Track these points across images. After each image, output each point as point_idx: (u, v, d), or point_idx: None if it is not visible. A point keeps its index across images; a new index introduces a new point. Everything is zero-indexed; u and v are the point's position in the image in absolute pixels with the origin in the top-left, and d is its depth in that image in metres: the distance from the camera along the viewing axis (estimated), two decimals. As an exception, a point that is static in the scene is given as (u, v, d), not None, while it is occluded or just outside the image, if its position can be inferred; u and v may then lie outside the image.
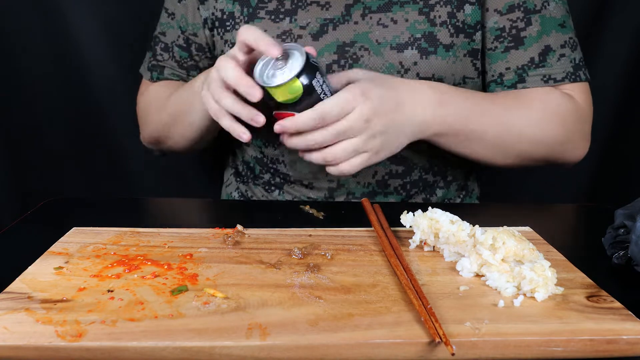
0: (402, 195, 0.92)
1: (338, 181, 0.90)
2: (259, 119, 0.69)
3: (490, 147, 0.83)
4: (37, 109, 1.42)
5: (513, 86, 0.87)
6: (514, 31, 0.87)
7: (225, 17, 0.90)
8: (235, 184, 1.04)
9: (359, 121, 0.70)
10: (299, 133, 0.70)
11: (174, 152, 0.99)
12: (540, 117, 0.83)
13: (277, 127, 0.69)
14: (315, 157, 0.72)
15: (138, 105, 1.03)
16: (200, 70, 0.99)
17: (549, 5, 0.87)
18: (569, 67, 0.87)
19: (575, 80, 0.87)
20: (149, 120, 0.98)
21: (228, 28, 0.90)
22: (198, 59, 0.98)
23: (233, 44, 0.90)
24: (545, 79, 0.86)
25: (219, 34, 0.92)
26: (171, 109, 0.90)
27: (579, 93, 0.88)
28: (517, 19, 0.86)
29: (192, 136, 0.90)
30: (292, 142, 0.71)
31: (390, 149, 0.75)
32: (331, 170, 0.73)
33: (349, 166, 0.72)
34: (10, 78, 1.37)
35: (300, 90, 0.66)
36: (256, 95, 0.67)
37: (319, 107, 0.68)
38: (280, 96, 0.67)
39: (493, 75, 0.89)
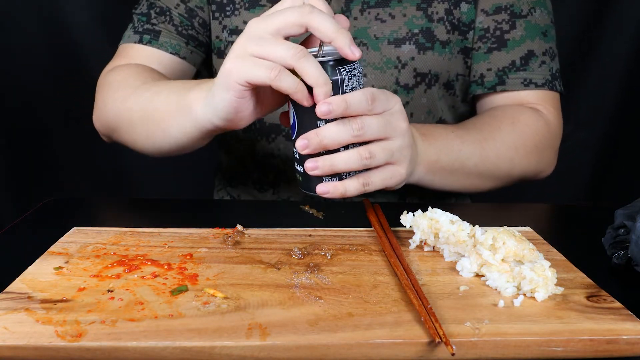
0: (399, 192, 0.91)
1: None
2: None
3: (472, 176, 0.80)
4: (37, 109, 1.42)
5: (492, 88, 0.88)
6: (497, 32, 0.87)
7: (225, 1, 0.88)
8: (225, 189, 1.01)
9: (402, 115, 0.61)
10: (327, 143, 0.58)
11: (126, 146, 0.85)
12: (512, 137, 0.82)
13: (324, 106, 0.55)
14: (349, 157, 0.59)
15: (103, 77, 0.87)
16: (202, 45, 0.91)
17: (535, 12, 0.87)
18: (548, 75, 0.88)
19: (552, 89, 0.87)
20: (110, 103, 0.81)
21: (227, 13, 0.88)
22: (200, 32, 0.90)
23: (231, 30, 0.88)
24: (525, 82, 0.86)
25: (216, 18, 0.89)
26: (147, 106, 0.75)
27: (549, 107, 0.88)
28: (502, 21, 0.87)
29: (164, 146, 0.76)
30: (336, 130, 0.57)
31: (406, 176, 0.65)
32: (333, 191, 0.60)
33: (379, 178, 0.61)
34: (10, 78, 1.37)
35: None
36: (357, 53, 0.56)
37: (365, 89, 0.58)
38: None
39: (474, 76, 0.90)
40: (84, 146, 1.36)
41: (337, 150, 0.59)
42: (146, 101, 0.75)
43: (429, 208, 0.62)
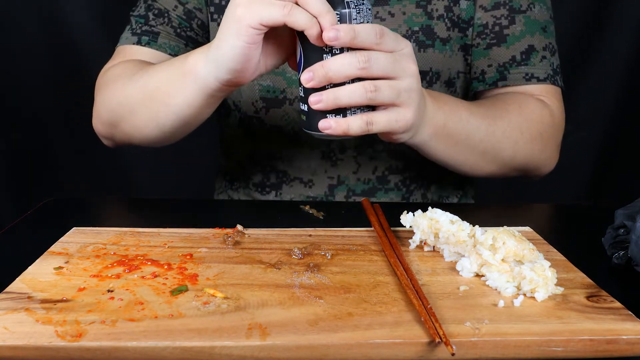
0: (402, 191, 0.91)
1: (338, 177, 0.90)
2: None
3: (476, 152, 0.78)
4: (37, 109, 1.42)
5: (494, 84, 0.87)
6: (497, 28, 0.87)
7: (224, 3, 0.88)
8: (226, 191, 1.01)
9: (411, 57, 0.61)
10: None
11: (129, 144, 0.84)
12: (518, 120, 0.81)
13: (332, 32, 0.55)
14: (354, 90, 0.58)
15: (100, 78, 0.87)
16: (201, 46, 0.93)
17: (534, 7, 0.87)
18: (550, 70, 0.87)
19: (554, 84, 0.87)
20: (110, 96, 0.81)
21: None
22: (199, 34, 0.90)
23: None
24: (527, 77, 0.86)
25: (214, 20, 0.89)
26: (146, 85, 0.74)
27: (553, 100, 0.87)
28: (501, 17, 0.86)
29: (167, 124, 0.74)
30: (342, 62, 0.56)
31: (412, 122, 0.63)
32: (335, 126, 0.59)
33: (384, 118, 0.60)
34: (10, 78, 1.37)
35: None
36: None
37: (374, 24, 0.58)
38: None
39: (475, 72, 0.89)
40: (84, 146, 1.36)
41: (342, 85, 0.58)
42: (145, 83, 0.75)
43: (429, 208, 0.62)
